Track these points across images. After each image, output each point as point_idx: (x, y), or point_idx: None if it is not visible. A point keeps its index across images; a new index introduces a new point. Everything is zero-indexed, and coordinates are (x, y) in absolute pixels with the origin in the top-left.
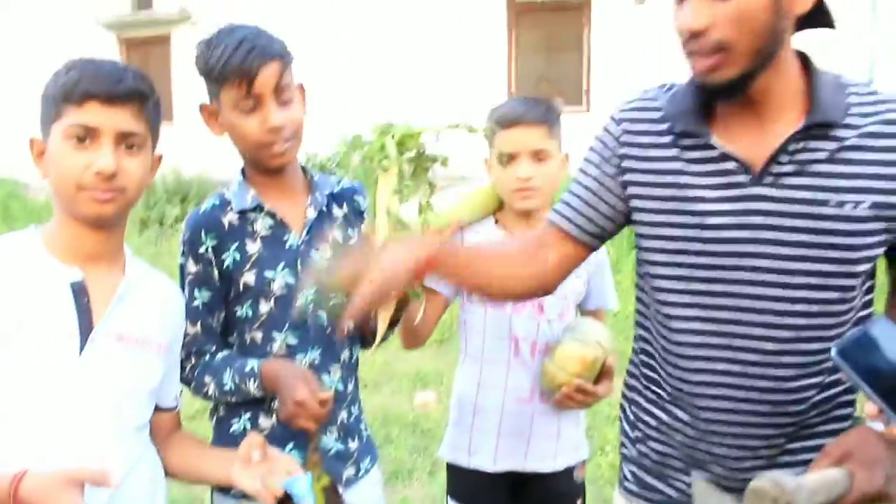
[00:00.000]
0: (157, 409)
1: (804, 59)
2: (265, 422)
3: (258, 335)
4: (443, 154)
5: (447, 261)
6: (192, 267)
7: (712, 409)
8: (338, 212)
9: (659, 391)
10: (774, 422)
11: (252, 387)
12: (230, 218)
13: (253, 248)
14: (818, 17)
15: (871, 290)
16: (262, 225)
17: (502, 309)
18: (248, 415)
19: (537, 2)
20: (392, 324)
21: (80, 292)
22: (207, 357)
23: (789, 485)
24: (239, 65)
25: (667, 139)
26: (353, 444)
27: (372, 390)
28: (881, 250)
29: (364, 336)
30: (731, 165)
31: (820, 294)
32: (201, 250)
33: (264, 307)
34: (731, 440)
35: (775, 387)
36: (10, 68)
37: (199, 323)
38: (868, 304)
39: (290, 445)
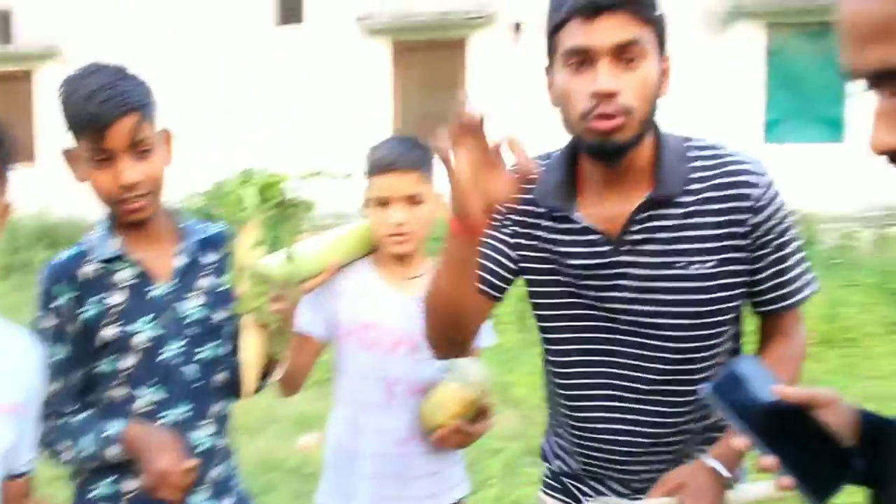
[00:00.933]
0: (8, 475)
1: (655, 128)
2: (130, 484)
3: (121, 392)
4: (308, 200)
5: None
6: (48, 321)
7: (600, 441)
8: (208, 259)
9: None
10: (655, 450)
11: (113, 453)
12: (90, 268)
13: (115, 300)
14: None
15: (738, 336)
16: (124, 275)
17: (376, 350)
18: (111, 478)
19: (419, 40)
20: (263, 375)
21: None
22: (66, 418)
23: None
24: (91, 117)
25: (542, 210)
26: (227, 502)
27: (253, 435)
28: (735, 302)
29: (235, 387)
30: (593, 236)
31: (680, 344)
32: (58, 303)
33: (127, 362)
34: (618, 466)
35: (652, 421)
36: None
37: (56, 381)
38: (736, 350)
39: None
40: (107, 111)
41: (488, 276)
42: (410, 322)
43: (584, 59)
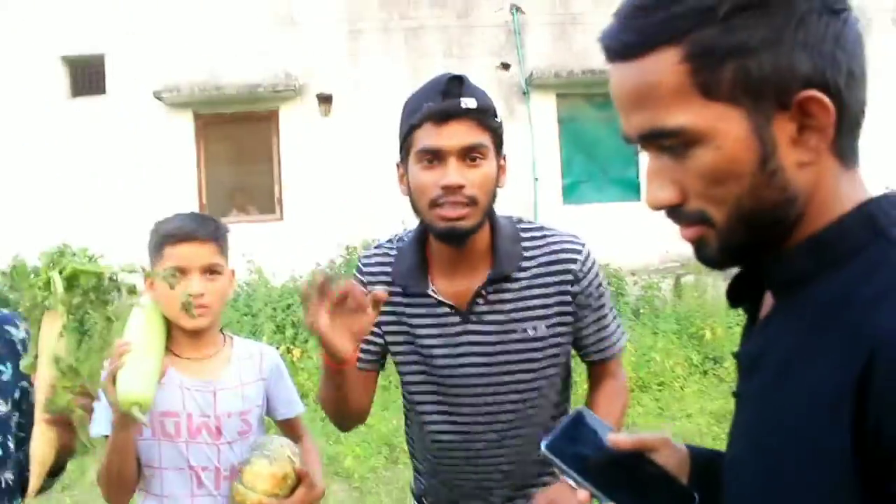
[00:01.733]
0: None
1: (492, 215)
2: None
3: None
4: (129, 283)
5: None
6: None
7: (461, 478)
8: None
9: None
10: (507, 483)
11: None
12: None
13: None
14: None
15: (566, 387)
16: None
17: (177, 439)
18: None
19: (225, 113)
20: (53, 472)
21: None
22: None
23: None
24: None
25: (398, 289)
26: None
27: None
28: (563, 357)
29: (22, 486)
30: (444, 310)
31: (523, 395)
32: None
33: None
34: (475, 494)
35: (504, 461)
36: None
37: None
38: (566, 398)
39: None
40: None
41: (364, 356)
42: (208, 406)
43: (434, 156)
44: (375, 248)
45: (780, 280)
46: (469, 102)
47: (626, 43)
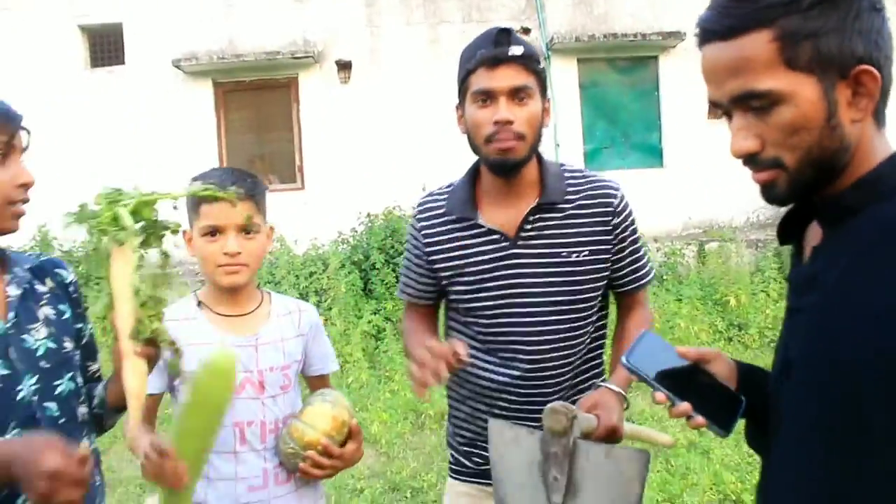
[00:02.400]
0: None
1: (538, 154)
2: None
3: None
4: (175, 222)
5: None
6: None
7: (503, 394)
8: (42, 287)
9: (467, 391)
10: (549, 391)
11: None
12: None
13: None
14: None
15: (603, 318)
16: None
17: None
18: None
19: (244, 81)
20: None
21: None
22: None
23: (572, 407)
24: None
25: (450, 224)
26: None
27: None
28: (602, 282)
29: (100, 420)
30: (494, 236)
31: (565, 315)
32: None
33: None
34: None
35: (548, 374)
36: None
37: None
38: (601, 327)
39: None
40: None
41: (423, 293)
42: (250, 361)
43: (487, 97)
44: (428, 194)
45: (833, 214)
46: (516, 50)
47: (728, 26)
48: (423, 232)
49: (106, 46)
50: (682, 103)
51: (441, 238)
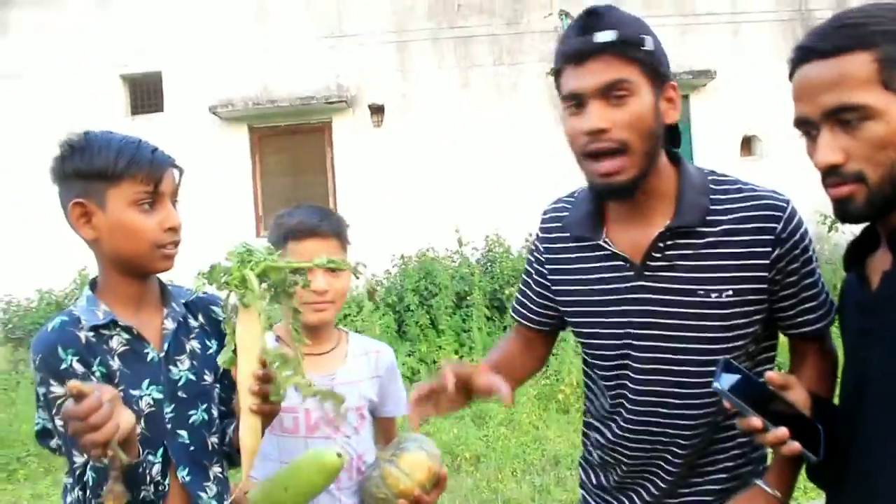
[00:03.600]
0: None
1: (676, 160)
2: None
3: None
4: (304, 278)
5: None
6: (56, 389)
7: (633, 442)
8: (193, 322)
9: (597, 436)
10: (678, 462)
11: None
12: (85, 335)
13: (113, 365)
14: (672, 134)
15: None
16: (118, 341)
17: (296, 435)
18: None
19: (279, 126)
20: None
21: None
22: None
23: None
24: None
25: (571, 243)
26: None
27: None
28: (751, 329)
29: (230, 452)
30: (618, 262)
31: (699, 368)
32: (65, 366)
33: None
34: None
35: (671, 440)
36: None
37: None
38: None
39: None
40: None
41: (533, 315)
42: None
43: (577, 101)
44: (555, 201)
45: None
46: (604, 36)
47: (834, 45)
48: (545, 245)
49: (146, 95)
50: (714, 140)
51: (563, 256)
